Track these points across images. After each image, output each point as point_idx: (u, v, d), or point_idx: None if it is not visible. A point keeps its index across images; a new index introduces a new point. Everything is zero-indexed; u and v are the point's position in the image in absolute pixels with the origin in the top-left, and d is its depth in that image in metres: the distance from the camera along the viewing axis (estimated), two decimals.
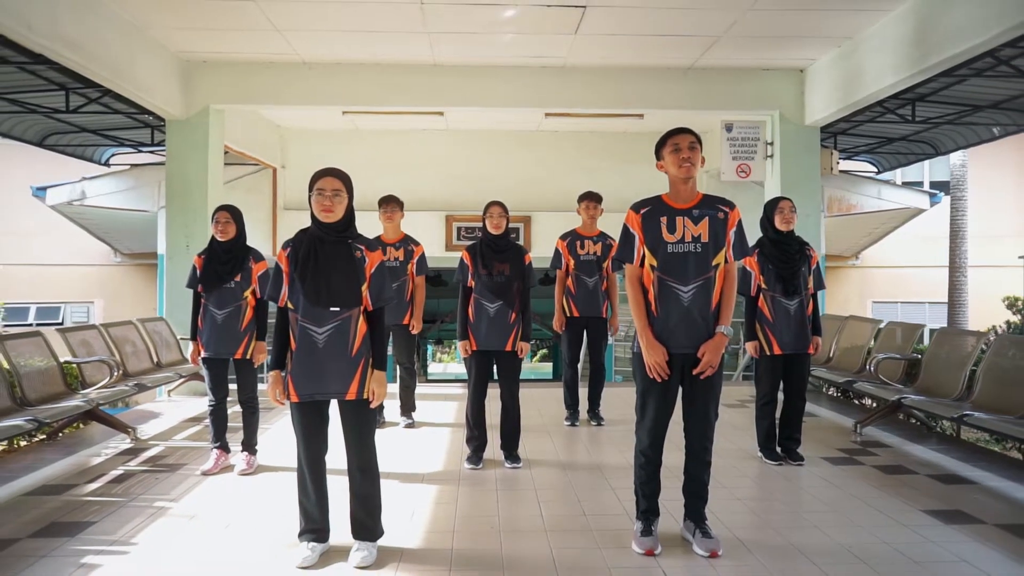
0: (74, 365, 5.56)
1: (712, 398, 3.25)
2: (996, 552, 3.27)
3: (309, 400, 3.13)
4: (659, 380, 3.18)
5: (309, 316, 3.09)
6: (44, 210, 12.19)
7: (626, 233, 3.27)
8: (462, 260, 4.63)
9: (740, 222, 3.26)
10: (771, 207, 4.74)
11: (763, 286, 4.69)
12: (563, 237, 5.74)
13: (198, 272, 4.52)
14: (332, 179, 3.11)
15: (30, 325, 14.74)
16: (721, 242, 3.19)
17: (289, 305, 3.14)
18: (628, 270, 3.29)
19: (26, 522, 3.64)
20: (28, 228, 14.79)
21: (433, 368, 29.63)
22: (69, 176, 11.77)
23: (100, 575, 3.02)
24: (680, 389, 3.28)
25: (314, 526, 3.22)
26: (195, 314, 4.58)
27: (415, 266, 5.62)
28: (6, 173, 14.92)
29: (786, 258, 4.64)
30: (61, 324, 15.22)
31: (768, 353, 4.70)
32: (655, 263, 3.19)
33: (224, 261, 4.47)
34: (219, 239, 4.47)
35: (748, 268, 4.71)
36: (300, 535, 3.22)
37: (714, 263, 3.18)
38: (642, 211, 3.24)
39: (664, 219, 3.19)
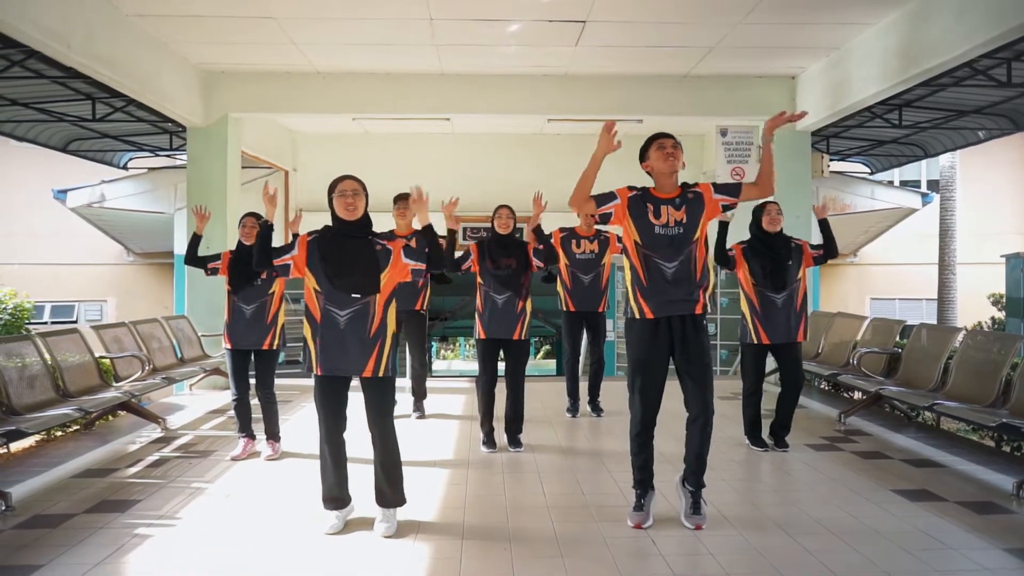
0: (107, 360, 5.95)
1: (705, 362, 3.56)
2: (952, 524, 3.64)
3: (331, 375, 3.52)
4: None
5: (333, 300, 3.49)
6: (59, 211, 12.58)
7: (611, 193, 3.63)
8: (468, 249, 5.01)
9: (711, 184, 3.67)
10: (759, 210, 5.11)
11: (752, 281, 5.05)
12: (562, 230, 6.06)
13: (221, 261, 4.97)
14: (351, 181, 3.53)
15: (45, 323, 15.15)
16: (698, 220, 3.56)
17: (316, 288, 3.51)
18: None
19: (79, 500, 4.03)
20: (43, 229, 15.20)
21: (437, 365, 29.96)
22: (84, 179, 12.17)
23: (153, 544, 3.41)
24: (672, 363, 3.60)
25: (334, 495, 3.62)
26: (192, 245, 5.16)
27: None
28: (22, 176, 15.33)
29: (773, 255, 4.99)
30: (75, 322, 15.63)
31: (755, 343, 5.05)
32: (639, 240, 3.57)
33: (249, 263, 4.84)
34: (245, 243, 4.86)
35: (733, 250, 5.10)
36: (324, 503, 3.63)
37: (694, 239, 3.57)
38: (633, 193, 3.63)
39: (651, 206, 3.58)
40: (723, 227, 5.10)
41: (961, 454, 5.00)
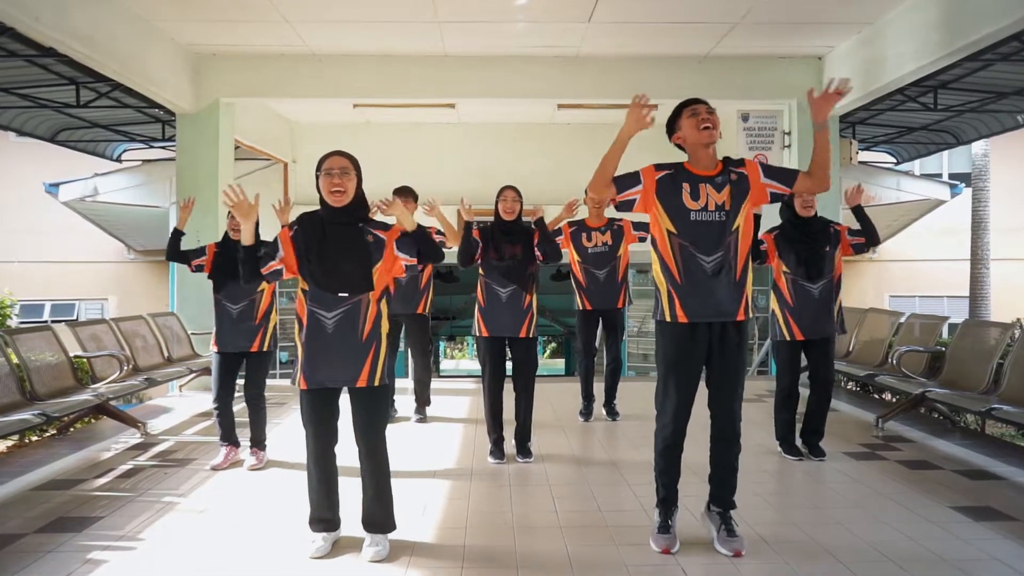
0: (84, 360, 5.53)
1: (739, 370, 3.12)
2: None
3: (319, 388, 3.07)
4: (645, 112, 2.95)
5: (317, 300, 3.03)
6: (58, 208, 12.22)
7: (634, 175, 3.09)
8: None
9: (760, 164, 3.13)
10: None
11: (785, 269, 4.57)
12: (570, 224, 5.58)
13: (205, 255, 4.54)
14: (339, 158, 3.06)
15: (45, 322, 14.82)
16: (740, 206, 3.07)
17: (304, 288, 3.07)
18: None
19: (33, 517, 3.59)
20: (43, 226, 14.84)
21: (445, 364, 29.64)
22: (83, 173, 11.80)
23: (105, 571, 2.96)
24: (704, 369, 3.15)
25: (323, 516, 3.18)
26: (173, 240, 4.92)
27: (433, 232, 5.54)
28: (21, 170, 14.96)
29: (808, 240, 4.49)
30: (76, 320, 15.29)
31: (788, 339, 4.56)
32: (673, 228, 3.07)
33: (235, 258, 4.40)
34: (233, 236, 4.42)
35: (765, 240, 4.61)
36: (311, 524, 3.19)
37: (734, 227, 3.06)
38: (662, 172, 3.09)
39: (687, 185, 3.06)
40: (755, 219, 4.60)
41: (1018, 463, 4.50)
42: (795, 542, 3.25)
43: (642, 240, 5.48)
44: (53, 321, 15.07)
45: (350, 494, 3.28)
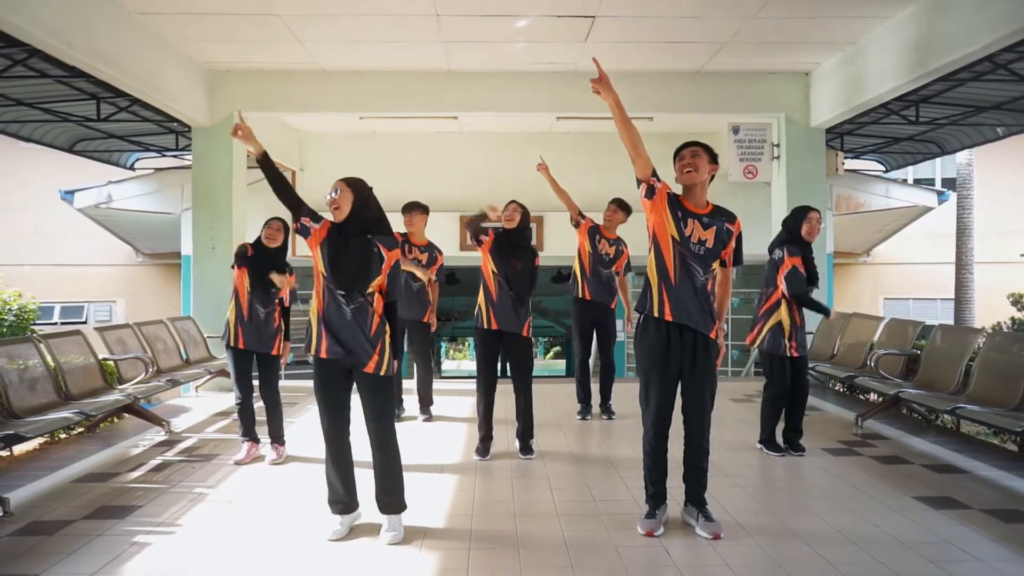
0: (111, 362, 5.87)
1: (708, 385, 3.50)
2: (978, 534, 3.50)
3: (334, 359, 3.41)
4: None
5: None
6: (68, 212, 12.55)
7: (657, 178, 3.41)
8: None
9: (740, 234, 3.53)
10: (800, 213, 4.89)
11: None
12: (591, 222, 5.95)
13: (249, 253, 4.77)
14: (337, 181, 3.46)
15: (55, 324, 15.13)
16: (718, 251, 3.46)
17: (323, 272, 3.43)
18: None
19: (78, 506, 3.94)
20: (52, 229, 15.18)
21: (446, 365, 29.95)
22: (92, 179, 12.14)
23: (152, 552, 3.32)
24: (679, 382, 3.51)
25: (339, 498, 3.54)
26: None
27: (435, 271, 5.92)
28: (31, 176, 15.31)
29: (813, 266, 4.87)
30: (84, 323, 15.59)
31: (788, 355, 4.87)
32: (677, 236, 3.41)
33: (267, 267, 4.77)
34: (268, 245, 4.78)
35: (798, 268, 4.78)
36: (329, 505, 3.55)
37: (712, 268, 3.47)
38: (669, 191, 3.45)
39: (680, 212, 3.43)
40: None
41: (983, 459, 4.85)
42: (769, 528, 3.60)
43: (622, 273, 5.98)
44: (63, 323, 15.39)
45: (370, 484, 3.61)
